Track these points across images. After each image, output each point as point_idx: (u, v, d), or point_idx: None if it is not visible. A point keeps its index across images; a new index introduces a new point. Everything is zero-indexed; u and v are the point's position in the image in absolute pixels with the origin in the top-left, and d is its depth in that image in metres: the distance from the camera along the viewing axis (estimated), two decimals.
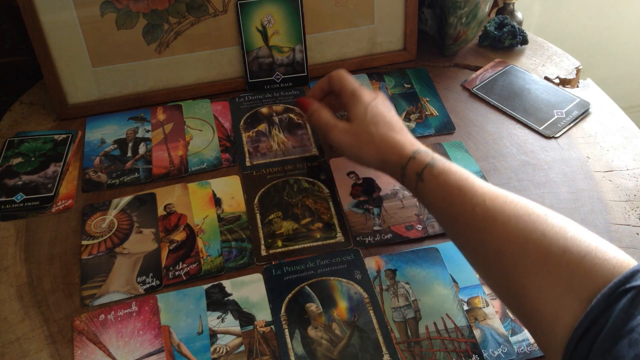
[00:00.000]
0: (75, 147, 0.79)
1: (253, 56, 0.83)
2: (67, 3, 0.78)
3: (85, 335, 0.57)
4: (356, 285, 0.62)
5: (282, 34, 0.84)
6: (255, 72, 0.84)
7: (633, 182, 0.72)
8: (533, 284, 0.43)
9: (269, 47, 0.84)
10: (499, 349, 0.56)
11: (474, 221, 0.48)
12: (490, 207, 0.48)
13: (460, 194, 0.50)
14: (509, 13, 0.99)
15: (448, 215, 0.52)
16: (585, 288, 0.40)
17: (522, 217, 0.45)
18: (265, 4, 0.82)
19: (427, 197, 0.55)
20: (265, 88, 0.86)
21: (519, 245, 0.44)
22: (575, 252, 0.42)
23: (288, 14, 0.83)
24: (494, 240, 0.46)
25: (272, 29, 0.83)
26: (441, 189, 0.52)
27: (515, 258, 0.44)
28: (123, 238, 0.67)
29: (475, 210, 0.48)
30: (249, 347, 0.57)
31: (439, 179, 0.53)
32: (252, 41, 0.83)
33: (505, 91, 0.86)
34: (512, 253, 0.44)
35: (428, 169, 0.54)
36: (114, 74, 0.83)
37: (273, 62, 0.85)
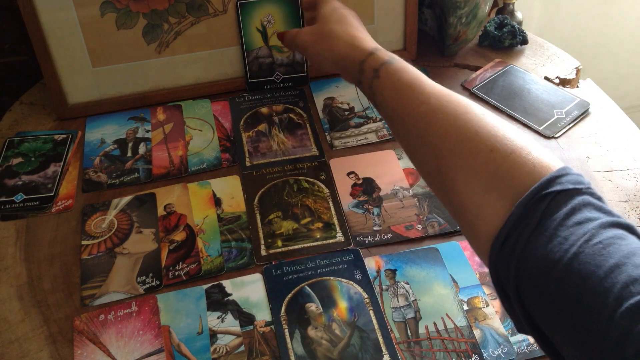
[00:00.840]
0: (75, 147, 0.79)
1: (253, 56, 0.83)
2: (67, 3, 0.78)
3: (85, 335, 0.57)
4: (356, 285, 0.62)
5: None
6: (255, 72, 0.84)
7: (633, 182, 0.72)
8: (461, 179, 0.45)
9: (269, 47, 0.84)
10: (499, 349, 0.56)
11: (419, 118, 0.49)
12: (434, 105, 0.49)
13: (410, 91, 0.51)
14: (509, 13, 0.99)
15: (397, 112, 0.52)
16: (507, 186, 0.42)
17: (460, 115, 0.47)
18: (265, 4, 0.82)
19: (379, 94, 0.55)
20: (265, 88, 0.86)
21: (453, 141, 0.46)
22: (502, 150, 0.43)
23: (288, 14, 0.83)
24: (434, 136, 0.48)
25: (272, 29, 0.83)
26: (394, 87, 0.53)
27: (450, 153, 0.46)
28: (123, 238, 0.67)
29: (420, 108, 0.50)
30: (249, 347, 0.57)
31: (394, 76, 0.54)
32: (252, 41, 0.83)
33: (505, 91, 0.86)
34: (448, 148, 0.46)
35: (386, 65, 0.55)
36: (114, 74, 0.83)
37: (273, 62, 0.85)
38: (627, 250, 0.35)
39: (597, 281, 0.34)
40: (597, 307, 0.34)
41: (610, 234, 0.37)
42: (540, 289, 0.37)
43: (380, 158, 0.77)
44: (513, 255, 0.39)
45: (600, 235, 0.37)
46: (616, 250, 0.35)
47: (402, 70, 0.54)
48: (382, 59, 0.56)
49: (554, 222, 0.38)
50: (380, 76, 0.54)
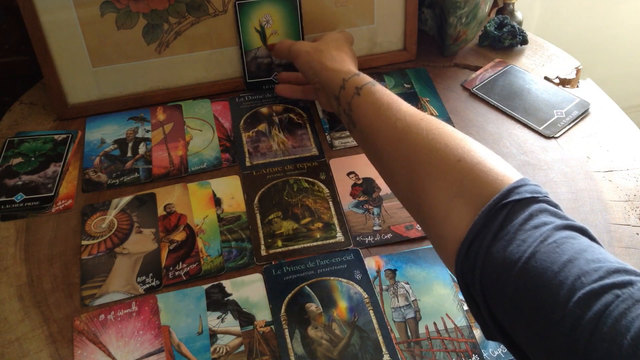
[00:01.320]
0: (75, 147, 0.79)
1: (251, 56, 0.83)
2: (67, 3, 0.78)
3: (85, 335, 0.57)
4: (356, 285, 0.62)
5: (281, 34, 0.84)
6: (253, 72, 0.84)
7: (633, 182, 0.72)
8: (430, 187, 0.48)
9: (267, 47, 0.84)
10: (499, 348, 0.56)
11: (394, 133, 0.54)
12: (409, 122, 0.53)
13: (387, 109, 0.56)
14: (509, 13, 0.99)
15: (373, 128, 0.57)
16: (473, 193, 0.45)
17: (432, 130, 0.51)
18: (263, 4, 0.82)
19: (357, 110, 0.60)
20: (263, 88, 0.86)
21: (425, 153, 0.50)
22: (469, 160, 0.47)
23: (287, 14, 0.83)
24: (406, 149, 0.52)
25: (270, 29, 0.83)
26: (372, 104, 0.58)
27: (420, 163, 0.50)
28: (123, 238, 0.67)
29: (396, 124, 0.54)
30: (249, 347, 0.57)
31: (374, 95, 0.59)
32: (250, 41, 0.83)
33: (505, 91, 0.86)
34: (419, 160, 0.50)
35: (368, 85, 0.60)
36: (114, 74, 0.83)
37: (272, 62, 0.85)
38: (579, 247, 0.39)
39: (552, 276, 0.37)
40: (552, 300, 0.36)
41: (563, 234, 0.40)
42: (502, 289, 0.40)
43: None
44: (477, 259, 0.42)
45: (554, 236, 0.40)
46: (569, 248, 0.39)
47: (381, 92, 0.59)
48: (366, 80, 0.61)
49: (513, 228, 0.42)
50: (361, 94, 0.60)
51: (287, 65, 0.86)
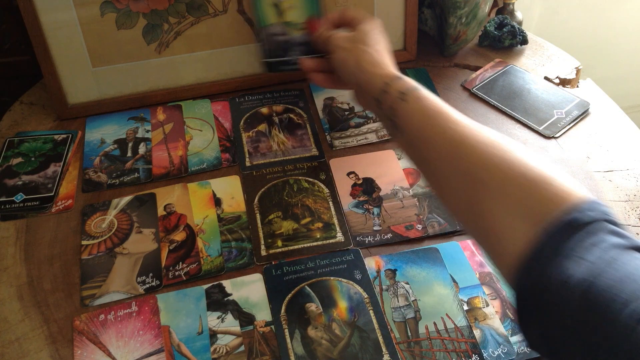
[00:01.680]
0: (75, 147, 0.79)
1: (266, 35, 0.74)
2: (67, 3, 0.78)
3: (85, 335, 0.57)
4: (356, 285, 0.62)
5: (299, 8, 0.75)
6: (268, 50, 0.75)
7: (633, 182, 0.72)
8: (490, 203, 0.46)
9: (283, 23, 0.75)
10: (499, 349, 0.56)
11: (448, 145, 0.51)
12: (465, 133, 0.50)
13: (439, 117, 0.53)
14: (509, 13, 0.99)
15: (422, 137, 0.54)
16: (536, 210, 0.44)
17: (489, 143, 0.49)
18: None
19: (404, 117, 0.56)
20: (280, 69, 0.76)
21: (484, 167, 0.47)
22: (532, 176, 0.45)
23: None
24: (463, 163, 0.49)
25: (287, 3, 0.75)
26: (421, 111, 0.54)
27: (479, 179, 0.47)
28: (123, 238, 0.67)
29: (450, 135, 0.51)
30: (249, 347, 0.57)
31: (422, 102, 0.55)
32: (265, 17, 0.75)
33: (505, 91, 0.86)
34: (478, 175, 0.48)
35: (415, 91, 0.56)
36: (114, 74, 0.83)
37: (289, 39, 0.75)
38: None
39: (617, 300, 0.36)
40: (614, 326, 0.35)
41: (629, 256, 0.38)
42: (562, 309, 0.38)
43: (380, 158, 0.77)
44: (537, 277, 0.41)
45: (620, 258, 0.38)
46: (633, 271, 0.37)
47: (430, 98, 0.55)
48: (410, 85, 0.57)
49: (576, 247, 0.40)
50: (407, 100, 0.56)
51: (304, 44, 0.76)
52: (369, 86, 0.61)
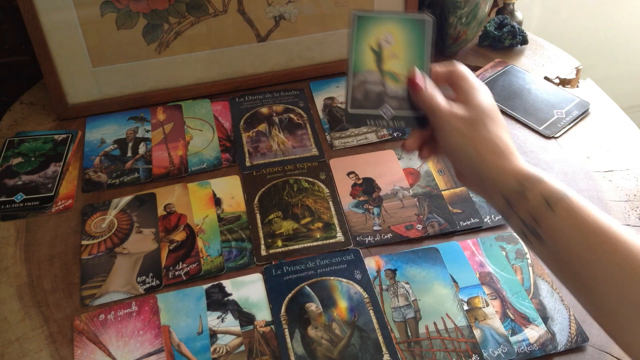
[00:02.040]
0: (75, 147, 0.79)
1: (360, 80, 0.61)
2: (67, 3, 0.78)
3: (85, 335, 0.57)
4: (356, 285, 0.62)
5: (402, 59, 0.61)
6: (358, 100, 0.61)
7: (633, 182, 0.72)
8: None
9: (382, 71, 0.61)
10: (499, 348, 0.56)
11: (616, 268, 0.44)
12: (637, 256, 0.44)
13: (600, 234, 0.45)
14: (509, 13, 0.99)
15: (577, 254, 0.46)
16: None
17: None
18: (387, 20, 0.61)
19: (552, 230, 0.47)
20: (368, 123, 0.61)
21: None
22: None
23: (413, 36, 0.61)
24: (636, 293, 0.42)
25: (389, 50, 0.62)
26: (576, 227, 0.46)
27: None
28: (123, 238, 0.67)
29: (618, 256, 0.44)
30: (249, 347, 0.57)
31: (575, 214, 0.47)
32: (362, 62, 0.62)
33: (505, 91, 0.86)
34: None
35: (564, 200, 0.47)
36: (114, 74, 0.83)
37: (384, 91, 0.61)
38: None
39: None
40: None
41: None
42: None
43: (380, 158, 0.77)
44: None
45: None
46: None
47: (585, 209, 0.47)
48: (557, 190, 0.48)
49: None
50: (557, 212, 0.47)
51: (403, 99, 0.61)
52: (496, 182, 0.51)
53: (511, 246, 0.65)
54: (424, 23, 0.60)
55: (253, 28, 0.85)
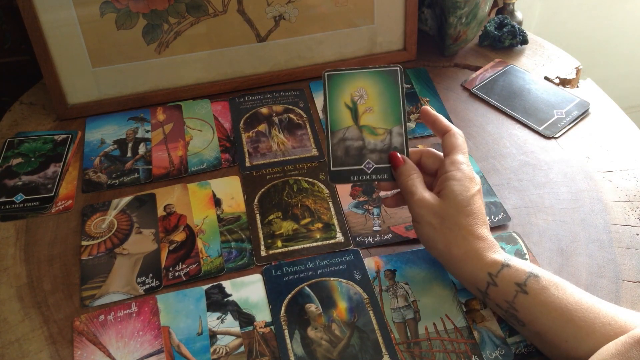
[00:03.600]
0: (75, 148, 0.79)
1: (338, 138, 0.62)
2: (66, 3, 0.78)
3: (85, 336, 0.57)
4: (356, 286, 0.62)
5: (377, 113, 0.62)
6: (339, 157, 0.62)
7: (633, 182, 0.72)
8: None
9: (359, 127, 0.62)
10: (496, 350, 0.56)
11: (604, 340, 0.46)
12: (624, 327, 0.46)
13: (577, 310, 0.48)
14: (509, 13, 0.99)
15: (559, 335, 0.48)
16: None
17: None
18: (358, 76, 0.62)
19: (529, 312, 0.50)
20: (352, 179, 0.62)
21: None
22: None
23: (385, 87, 0.62)
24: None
25: (364, 106, 0.62)
26: (551, 305, 0.49)
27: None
28: (123, 238, 0.67)
29: (606, 329, 0.46)
30: (249, 348, 0.57)
31: (547, 291, 0.49)
32: (338, 119, 0.62)
33: (505, 91, 0.86)
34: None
35: (532, 280, 0.50)
36: (114, 74, 0.83)
37: (363, 146, 0.62)
38: None
39: None
40: None
41: None
42: None
43: None
44: None
45: None
46: None
47: (554, 284, 0.50)
48: (524, 271, 0.51)
49: None
50: (529, 292, 0.50)
51: (383, 151, 0.62)
52: (467, 276, 0.54)
53: (510, 246, 0.65)
54: (395, 73, 0.60)
55: (253, 28, 0.85)
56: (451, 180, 0.56)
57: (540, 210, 0.69)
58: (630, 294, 0.60)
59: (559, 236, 0.66)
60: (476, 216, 0.54)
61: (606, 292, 0.60)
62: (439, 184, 0.57)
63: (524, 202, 0.70)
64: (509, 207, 0.70)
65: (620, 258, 0.64)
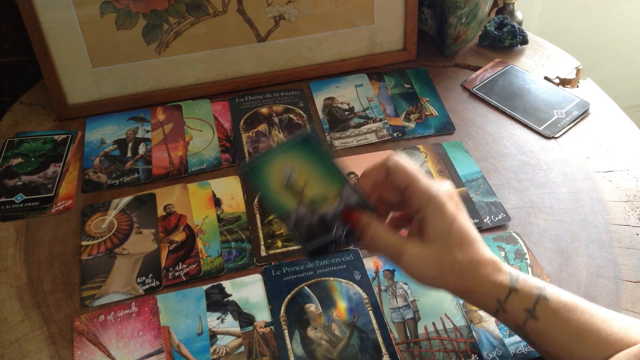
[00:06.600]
0: (75, 148, 0.79)
1: (295, 221, 0.56)
2: (66, 3, 0.78)
3: (85, 336, 0.57)
4: (355, 286, 0.62)
5: (316, 182, 0.57)
6: (307, 236, 0.56)
7: (633, 182, 0.72)
8: None
9: (307, 203, 0.56)
10: (494, 351, 0.56)
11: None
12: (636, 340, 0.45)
13: (593, 329, 0.46)
14: (509, 13, 0.99)
15: (575, 352, 0.46)
16: None
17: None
18: (276, 158, 0.57)
19: (541, 337, 0.48)
20: (330, 250, 0.57)
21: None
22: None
23: (308, 157, 0.57)
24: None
25: (300, 181, 0.57)
26: (565, 327, 0.47)
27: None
28: (123, 239, 0.67)
29: (619, 344, 0.45)
30: (249, 348, 0.57)
31: (559, 314, 0.47)
32: (284, 204, 0.56)
33: (505, 91, 0.86)
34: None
35: (542, 302, 0.48)
36: (114, 74, 0.83)
37: (324, 214, 0.56)
38: None
39: None
40: None
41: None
42: None
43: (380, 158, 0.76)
44: None
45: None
46: None
47: (567, 305, 0.48)
48: (533, 295, 0.48)
49: None
50: (539, 317, 0.47)
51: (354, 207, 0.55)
52: (475, 303, 0.51)
53: (510, 246, 0.65)
54: (308, 139, 0.54)
55: (253, 28, 0.85)
56: (427, 217, 0.50)
57: (540, 210, 0.69)
58: (630, 294, 0.60)
59: (559, 236, 0.66)
60: (468, 241, 0.50)
61: (606, 292, 0.60)
62: (415, 222, 0.53)
63: (524, 202, 0.70)
64: (509, 207, 0.70)
65: (620, 258, 0.64)
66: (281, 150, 0.53)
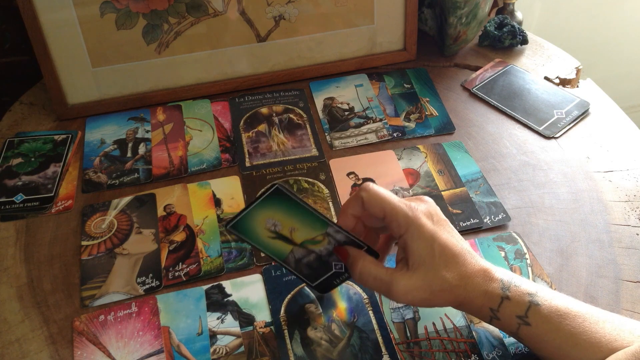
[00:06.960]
0: (75, 148, 0.79)
1: (293, 262, 0.57)
2: (66, 3, 0.78)
3: (85, 336, 0.57)
4: (355, 286, 0.62)
5: (301, 227, 0.55)
6: (310, 275, 0.58)
7: (633, 182, 0.72)
8: None
9: (300, 246, 0.56)
10: (494, 351, 0.56)
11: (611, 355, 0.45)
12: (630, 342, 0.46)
13: (587, 331, 0.47)
14: (509, 13, 0.99)
15: (569, 355, 0.47)
16: None
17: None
18: (255, 212, 0.54)
19: (535, 341, 0.49)
20: (335, 284, 0.59)
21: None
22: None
23: (285, 207, 0.54)
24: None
25: (286, 229, 0.55)
26: (558, 331, 0.47)
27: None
28: (123, 239, 0.67)
29: (613, 345, 0.46)
30: (249, 348, 0.57)
31: (551, 319, 0.48)
32: (278, 250, 0.56)
33: (505, 91, 0.86)
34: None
35: (534, 309, 0.48)
36: (113, 74, 0.83)
37: (320, 253, 0.56)
38: None
39: None
40: None
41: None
42: None
43: (380, 158, 0.77)
44: None
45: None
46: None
47: (558, 310, 0.48)
48: (524, 302, 0.49)
49: None
50: (531, 323, 0.48)
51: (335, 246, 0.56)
52: (471, 313, 0.52)
53: (510, 246, 0.65)
54: (278, 192, 0.52)
55: (253, 28, 0.85)
56: (408, 243, 0.51)
57: (540, 210, 0.69)
58: (630, 294, 0.60)
59: (559, 236, 0.66)
60: (454, 257, 0.50)
61: (606, 292, 0.60)
62: (400, 249, 0.53)
63: (524, 202, 0.70)
64: (509, 207, 0.70)
65: (620, 258, 0.64)
66: (257, 204, 0.53)
